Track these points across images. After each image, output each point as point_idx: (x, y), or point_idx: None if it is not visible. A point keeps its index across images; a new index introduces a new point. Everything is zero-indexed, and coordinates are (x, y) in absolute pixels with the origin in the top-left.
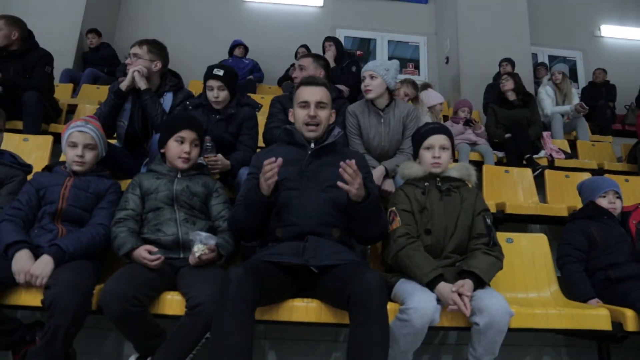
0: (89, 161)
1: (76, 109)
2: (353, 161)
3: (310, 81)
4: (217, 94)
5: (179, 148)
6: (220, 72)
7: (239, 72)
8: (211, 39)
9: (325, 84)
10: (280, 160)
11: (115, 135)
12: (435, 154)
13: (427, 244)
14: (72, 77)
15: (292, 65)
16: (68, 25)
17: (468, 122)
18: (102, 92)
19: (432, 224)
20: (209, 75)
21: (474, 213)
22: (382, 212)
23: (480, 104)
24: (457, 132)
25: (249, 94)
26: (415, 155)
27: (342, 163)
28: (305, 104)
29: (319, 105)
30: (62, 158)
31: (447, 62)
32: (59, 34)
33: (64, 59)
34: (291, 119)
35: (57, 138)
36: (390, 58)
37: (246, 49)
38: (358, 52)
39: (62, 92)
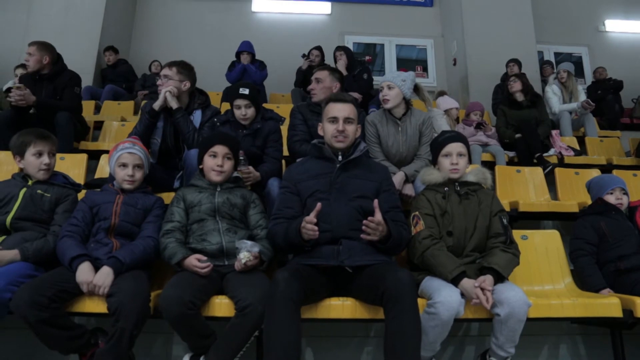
0: (138, 179)
1: (102, 126)
2: (375, 216)
3: (339, 98)
4: (245, 112)
5: (212, 162)
6: (246, 91)
7: (252, 77)
8: (222, 50)
9: (353, 102)
10: (319, 205)
11: (149, 152)
12: (453, 161)
13: (449, 244)
14: (92, 93)
15: (304, 56)
16: (86, 43)
17: (479, 125)
18: (123, 108)
19: (453, 226)
20: (235, 94)
21: (491, 214)
22: (404, 234)
23: (489, 104)
24: (469, 134)
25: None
26: (434, 162)
27: (365, 222)
28: (334, 120)
29: (347, 120)
30: (98, 174)
31: (454, 64)
32: (78, 53)
33: (84, 77)
34: (320, 132)
35: (90, 155)
36: (398, 61)
37: (253, 57)
38: (367, 58)
39: (85, 110)
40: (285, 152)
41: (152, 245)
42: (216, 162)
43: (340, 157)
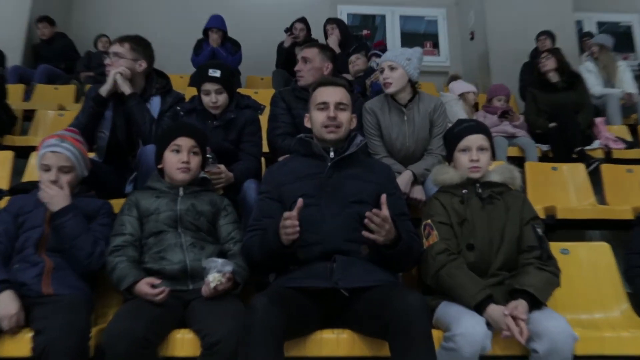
0: (65, 186)
1: (34, 116)
2: (382, 211)
3: (328, 81)
4: (216, 99)
5: (175, 158)
6: (217, 73)
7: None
8: (188, 23)
9: (346, 86)
10: (300, 201)
11: (95, 148)
12: (473, 157)
13: (470, 260)
14: (21, 75)
15: (287, 31)
16: (12, 12)
17: (504, 114)
18: (61, 94)
19: (475, 237)
20: (203, 77)
21: (522, 222)
22: (415, 246)
23: (515, 86)
24: (492, 124)
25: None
26: (449, 159)
27: (368, 214)
28: (323, 106)
29: (339, 106)
30: (27, 177)
31: (471, 38)
32: (2, 25)
33: (9, 53)
34: (307, 124)
35: (18, 152)
36: (402, 36)
37: (224, 35)
38: (365, 32)
39: (12, 95)
40: (265, 148)
41: (100, 251)
42: (180, 157)
43: (332, 154)
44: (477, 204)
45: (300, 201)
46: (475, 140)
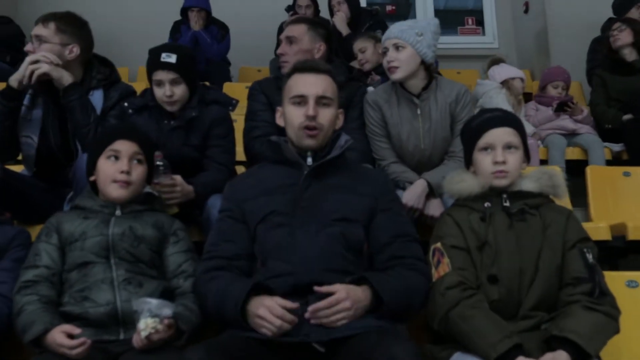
0: None
1: None
2: (336, 295)
3: (307, 66)
4: (171, 91)
5: (112, 167)
6: (172, 58)
7: (205, 50)
8: (162, 3)
9: (330, 72)
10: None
11: (19, 159)
12: (498, 158)
13: (494, 297)
14: None
15: (290, 9)
16: None
17: (562, 106)
18: None
19: (499, 266)
20: (155, 63)
21: (566, 246)
22: (415, 290)
23: (582, 71)
24: (545, 119)
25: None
26: (468, 161)
27: (313, 307)
28: (300, 100)
29: (321, 101)
30: None
31: (525, 11)
32: None
33: None
34: (279, 121)
35: None
36: (438, 13)
37: (207, 15)
38: (389, 8)
39: None
40: (241, 155)
41: (6, 313)
42: (119, 166)
43: (309, 160)
44: (504, 221)
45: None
46: (500, 135)
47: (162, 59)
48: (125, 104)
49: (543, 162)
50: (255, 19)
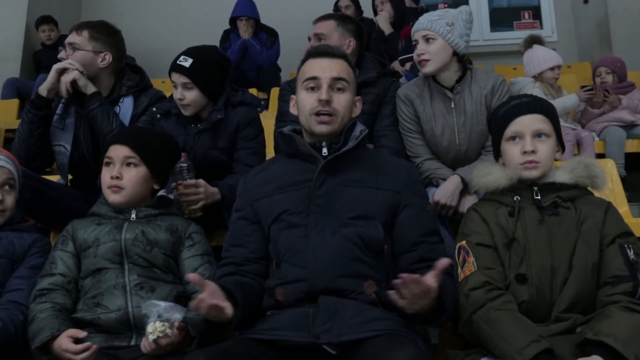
0: (10, 207)
1: None
2: (426, 279)
3: (321, 50)
4: (181, 95)
5: (107, 174)
6: (187, 63)
7: (255, 57)
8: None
9: (346, 57)
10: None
11: (54, 168)
12: (527, 147)
13: (523, 298)
14: (19, 89)
15: (336, 11)
16: (8, 15)
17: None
18: None
19: (529, 264)
20: (172, 65)
21: (604, 242)
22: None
23: None
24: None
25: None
26: (497, 153)
27: (404, 276)
28: (313, 83)
29: (335, 84)
30: None
31: (585, 2)
32: None
33: (6, 65)
34: (293, 110)
35: None
36: (492, 14)
37: (256, 23)
38: (442, 6)
39: (4, 113)
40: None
41: (21, 321)
42: (110, 172)
43: (325, 151)
44: (534, 216)
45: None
46: (529, 123)
47: (178, 62)
48: (154, 109)
49: (600, 156)
50: (304, 24)
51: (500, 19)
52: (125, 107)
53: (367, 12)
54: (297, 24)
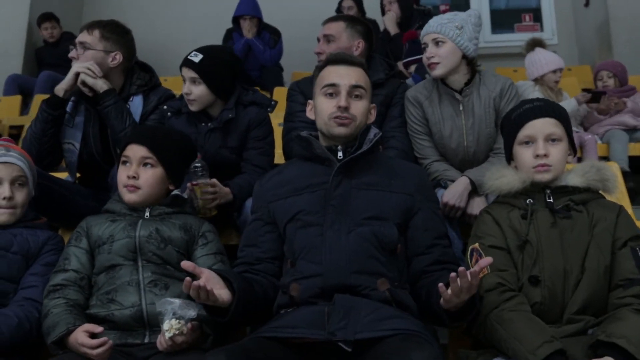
0: (20, 204)
1: (22, 131)
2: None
3: (340, 58)
4: (189, 89)
5: (123, 173)
6: (197, 57)
7: (258, 57)
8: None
9: (363, 65)
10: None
11: (63, 166)
12: (539, 151)
13: (536, 300)
14: (21, 85)
15: (339, 12)
16: (11, 12)
17: (596, 96)
18: None
19: (542, 266)
20: (184, 60)
21: (616, 244)
22: None
23: None
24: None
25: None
26: (509, 156)
27: (461, 270)
28: (332, 90)
29: (354, 92)
30: None
31: (586, 5)
32: None
33: (8, 62)
34: (310, 114)
35: None
36: (492, 15)
37: (259, 22)
38: (443, 8)
39: (7, 109)
40: (279, 158)
41: (36, 317)
42: (127, 172)
43: (340, 154)
44: (547, 218)
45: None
46: (541, 126)
47: (188, 57)
48: (165, 107)
49: (603, 159)
50: (307, 24)
51: (501, 21)
52: (135, 106)
53: (370, 13)
54: (299, 24)
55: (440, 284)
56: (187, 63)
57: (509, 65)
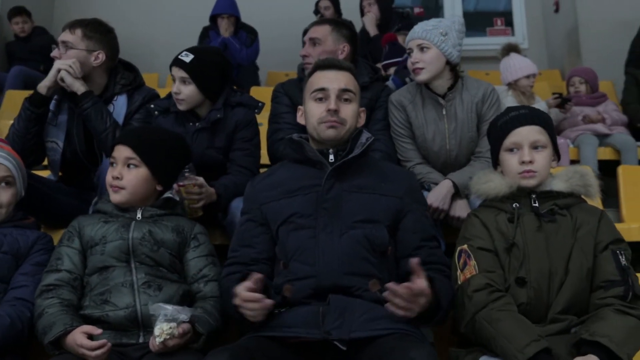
0: (5, 204)
1: None
2: (416, 283)
3: (328, 63)
4: (178, 89)
5: (109, 174)
6: (188, 57)
7: (235, 56)
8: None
9: (352, 69)
10: (266, 302)
11: (45, 164)
12: (525, 157)
13: (522, 300)
14: None
15: (316, 12)
16: None
17: (565, 102)
18: None
19: (528, 268)
20: (174, 59)
21: (598, 247)
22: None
23: (614, 70)
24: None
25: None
26: (495, 162)
27: (391, 287)
28: (322, 94)
29: (343, 95)
30: None
31: (556, 11)
32: None
33: None
34: (300, 120)
35: None
36: (466, 15)
37: (236, 21)
38: (417, 10)
39: None
40: (265, 159)
41: (28, 317)
42: (112, 172)
43: (331, 157)
44: (532, 222)
45: (255, 277)
46: (527, 134)
47: (179, 56)
48: (152, 106)
49: (574, 163)
50: (283, 24)
51: (473, 23)
52: (119, 106)
53: (348, 14)
54: (276, 23)
55: (387, 304)
56: (177, 63)
57: (480, 69)
